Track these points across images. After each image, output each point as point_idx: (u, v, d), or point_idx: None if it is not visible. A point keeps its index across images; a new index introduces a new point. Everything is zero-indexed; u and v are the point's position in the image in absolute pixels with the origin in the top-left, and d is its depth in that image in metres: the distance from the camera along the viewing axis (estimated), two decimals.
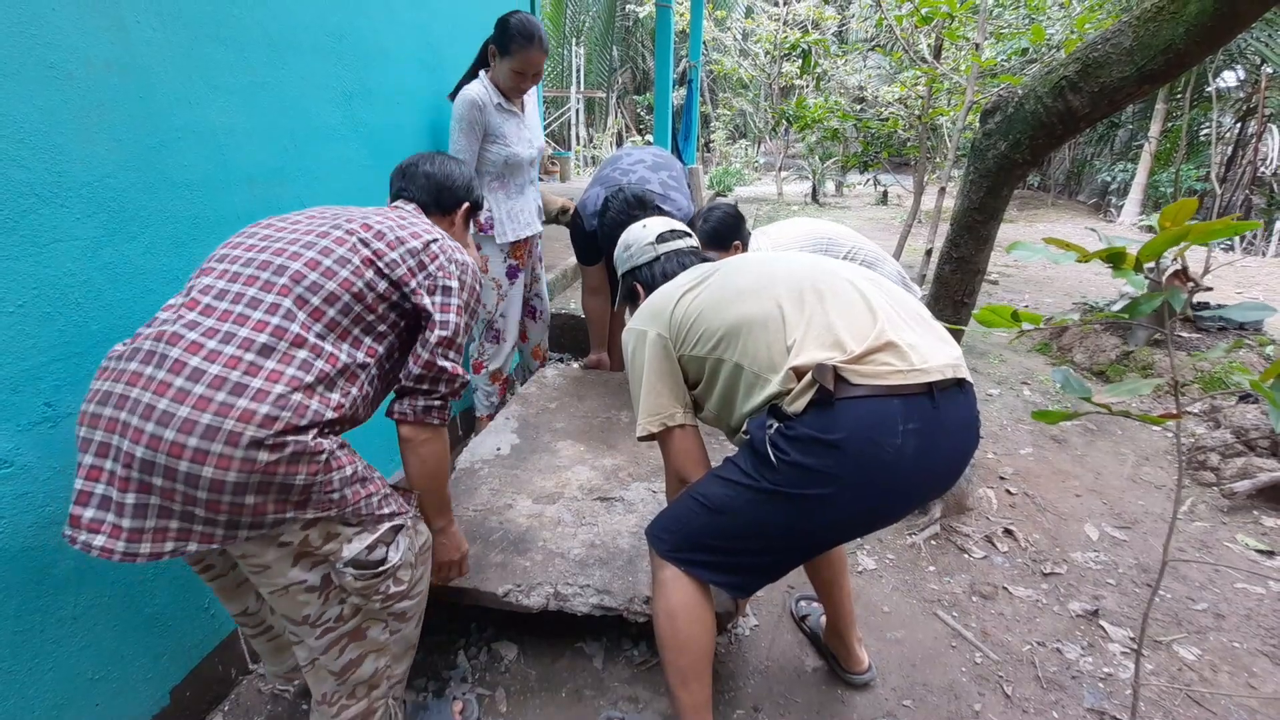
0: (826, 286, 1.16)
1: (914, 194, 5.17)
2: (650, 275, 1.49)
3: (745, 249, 2.05)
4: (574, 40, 13.44)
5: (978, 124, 1.56)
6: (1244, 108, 9.05)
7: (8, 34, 1.01)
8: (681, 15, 8.58)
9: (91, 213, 1.17)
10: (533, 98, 2.41)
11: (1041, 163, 2.02)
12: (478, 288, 1.26)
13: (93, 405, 0.97)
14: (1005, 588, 1.97)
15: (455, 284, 1.18)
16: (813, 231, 2.09)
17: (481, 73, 2.20)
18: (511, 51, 2.11)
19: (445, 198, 1.42)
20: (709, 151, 14.27)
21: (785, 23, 8.96)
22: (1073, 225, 9.29)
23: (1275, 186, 8.50)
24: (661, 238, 1.51)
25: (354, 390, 1.08)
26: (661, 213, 2.15)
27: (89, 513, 0.95)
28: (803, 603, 1.81)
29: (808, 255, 1.34)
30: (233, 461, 0.91)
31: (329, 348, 1.05)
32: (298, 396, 0.98)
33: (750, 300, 1.18)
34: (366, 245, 1.13)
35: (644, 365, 1.28)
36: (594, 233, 2.27)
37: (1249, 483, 2.41)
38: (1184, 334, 3.92)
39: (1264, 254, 7.82)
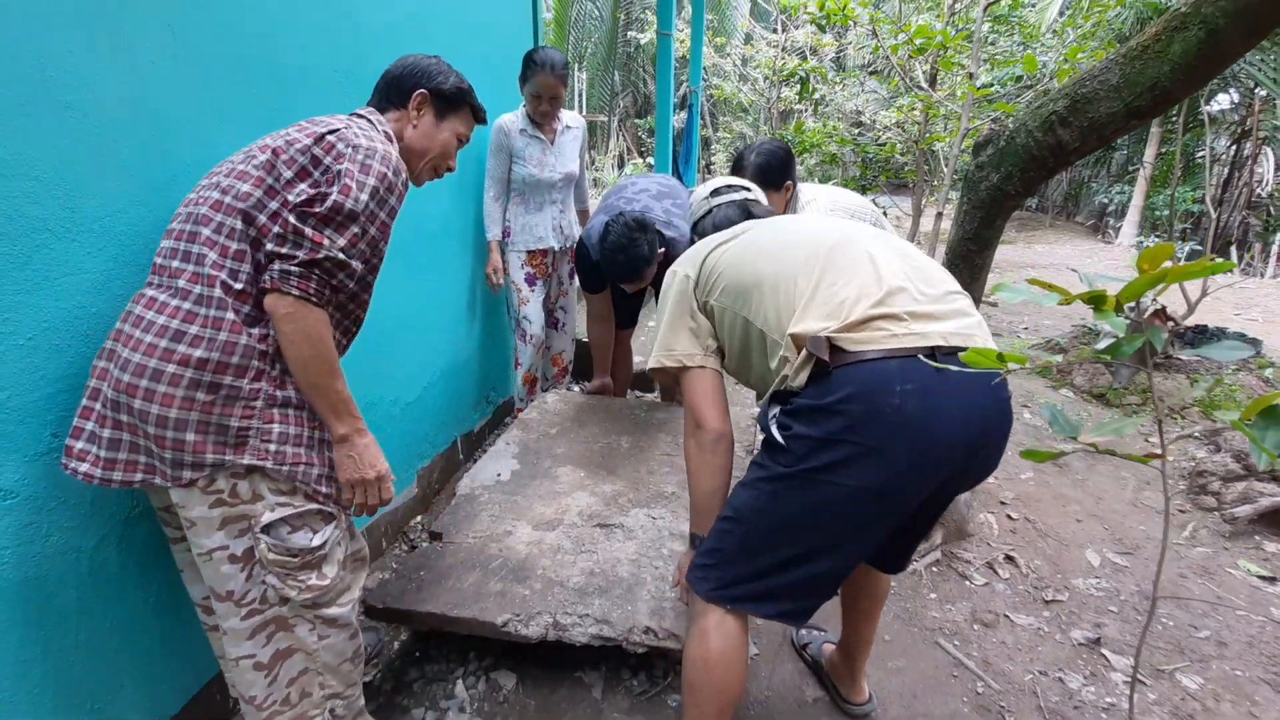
0: (842, 254, 1.16)
1: (912, 216, 5.22)
2: (704, 227, 1.56)
3: (794, 188, 2.01)
4: (577, 66, 13.64)
5: (971, 155, 1.60)
6: (1238, 131, 9.15)
7: (26, 76, 1.05)
8: (682, 42, 8.72)
9: (103, 246, 1.19)
10: (573, 132, 2.61)
11: (1034, 193, 2.05)
12: (389, 174, 1.14)
13: (97, 359, 1.12)
14: (1007, 615, 1.96)
15: (347, 165, 1.10)
16: (865, 204, 2.00)
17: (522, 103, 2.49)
18: (527, 79, 2.37)
19: (398, 87, 1.31)
20: (710, 173, 14.40)
21: (784, 49, 9.09)
22: (1071, 247, 9.34)
23: (1271, 208, 8.57)
24: (716, 191, 1.60)
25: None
26: (663, 239, 2.19)
27: (79, 444, 1.08)
28: (803, 631, 1.80)
29: (838, 221, 1.33)
30: (174, 400, 1.03)
31: (241, 285, 1.09)
32: (224, 335, 1.06)
33: (769, 260, 1.20)
34: (259, 168, 1.11)
35: (669, 302, 1.32)
36: (599, 260, 2.31)
37: (1250, 507, 2.40)
38: (1181, 357, 3.93)
39: (1262, 275, 7.86)
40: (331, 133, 1.14)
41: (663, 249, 2.18)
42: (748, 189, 1.60)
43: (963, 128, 3.19)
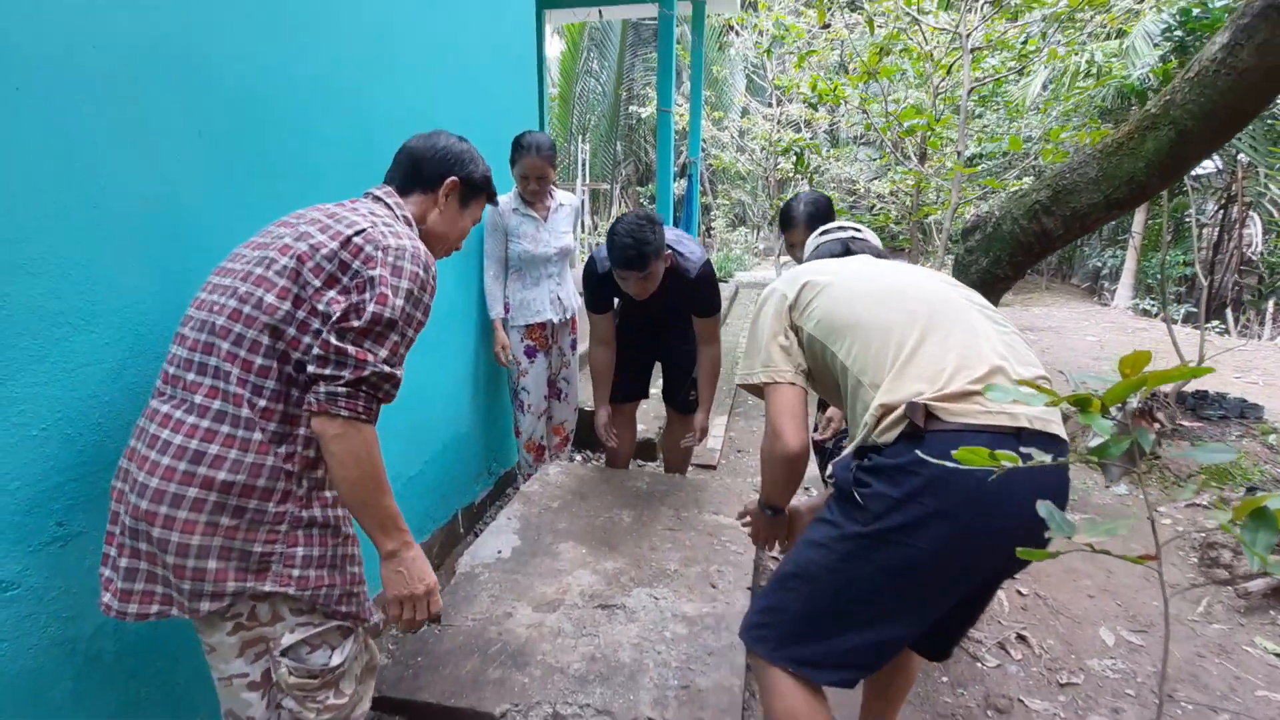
0: (945, 318, 1.18)
1: None
2: (812, 259, 1.61)
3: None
4: (580, 137, 14.17)
5: (960, 240, 1.66)
6: (1224, 196, 9.40)
7: (60, 178, 1.11)
8: (681, 116, 9.09)
9: (119, 338, 1.23)
10: (566, 209, 2.72)
11: (1023, 275, 2.11)
12: (420, 272, 1.10)
13: (115, 479, 1.10)
14: (1021, 700, 1.90)
15: (379, 271, 1.05)
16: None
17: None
18: (515, 161, 2.50)
19: (426, 170, 1.27)
20: (710, 237, 14.74)
21: (779, 122, 9.46)
22: (1069, 309, 9.45)
23: (1263, 271, 8.70)
24: (825, 231, 1.67)
25: (301, 431, 1.08)
26: (673, 252, 2.27)
27: (105, 571, 1.07)
28: None
29: (941, 280, 1.36)
30: (196, 526, 1.00)
31: (265, 403, 1.05)
32: (250, 457, 1.03)
33: (870, 305, 1.22)
34: (282, 275, 1.06)
35: (763, 318, 1.35)
36: (606, 275, 2.30)
37: (1264, 581, 2.36)
38: (1185, 423, 3.93)
39: (1259, 337, 7.91)
40: (358, 234, 1.08)
41: (669, 252, 2.21)
42: (856, 229, 1.66)
43: (954, 201, 3.30)
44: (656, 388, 4.26)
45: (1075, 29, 3.82)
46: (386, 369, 1.05)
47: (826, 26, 4.89)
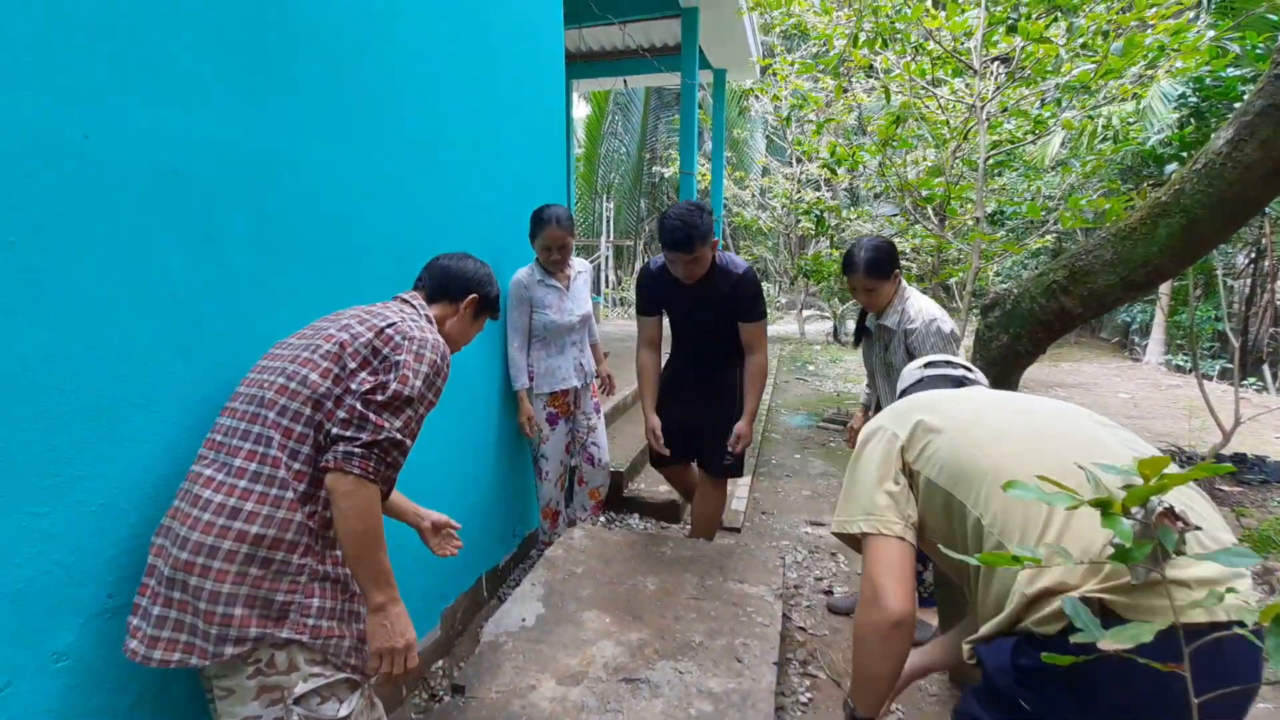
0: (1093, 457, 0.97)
1: None
2: (914, 393, 1.43)
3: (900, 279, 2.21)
4: (604, 195, 14.59)
5: (980, 315, 1.69)
6: (1255, 250, 9.29)
7: (129, 269, 1.20)
8: (703, 176, 9.35)
9: (173, 416, 1.30)
10: (583, 275, 2.83)
11: (1045, 351, 2.12)
12: (438, 360, 1.29)
13: (155, 536, 1.20)
14: None
15: (404, 356, 1.24)
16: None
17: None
18: (536, 234, 2.59)
19: (453, 286, 1.54)
20: None
21: (799, 181, 9.65)
22: (1099, 365, 9.30)
23: None
24: (930, 364, 1.53)
25: (323, 493, 1.21)
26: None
27: (135, 620, 1.15)
28: None
29: (1088, 418, 1.17)
30: (228, 575, 1.10)
31: (299, 465, 1.19)
32: (282, 513, 1.15)
33: (1013, 449, 1.05)
34: (326, 358, 1.23)
35: (870, 459, 1.20)
36: (657, 275, 2.51)
37: None
38: (1225, 488, 3.82)
39: None
40: (389, 326, 1.29)
41: (716, 240, 2.35)
42: (967, 368, 1.51)
43: (974, 265, 3.33)
44: None
45: (1090, 95, 3.91)
46: (398, 437, 1.21)
47: (844, 92, 5.06)
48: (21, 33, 1.02)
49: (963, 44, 3.58)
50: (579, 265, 2.82)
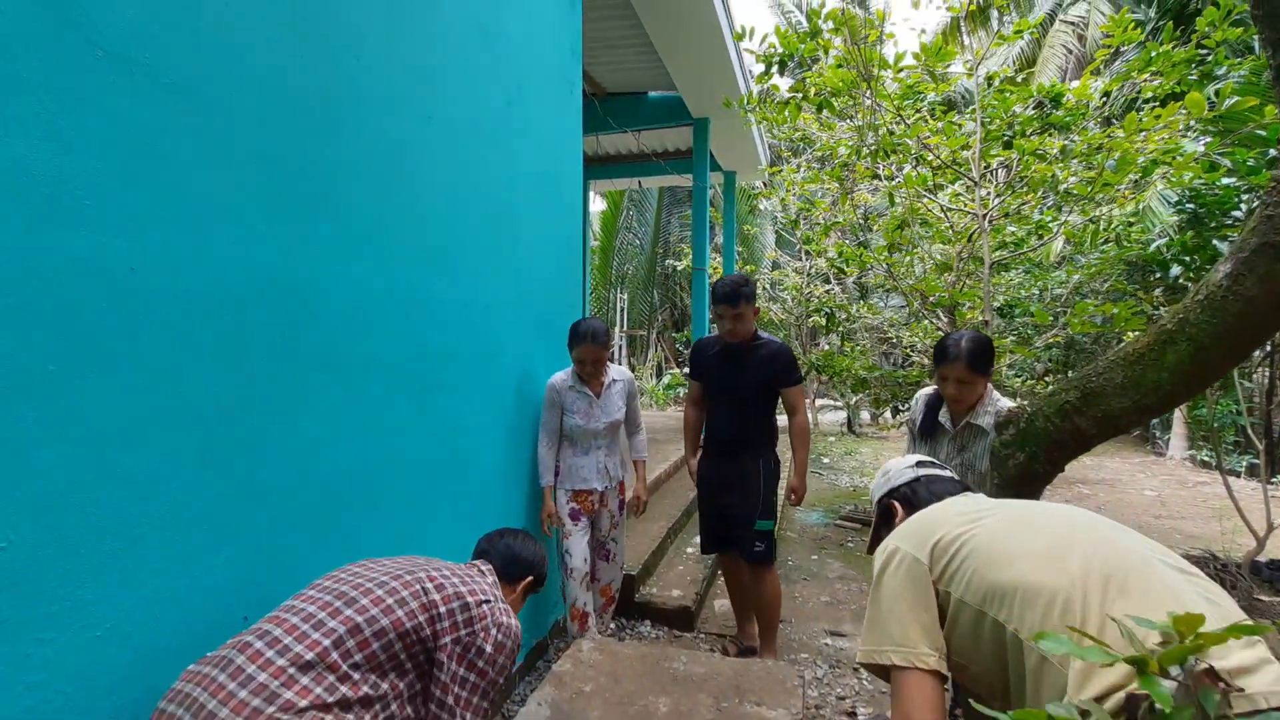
0: (1136, 575, 0.98)
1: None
2: (911, 492, 1.44)
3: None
4: (618, 286, 14.98)
5: (995, 432, 1.68)
6: (1270, 344, 9.26)
7: (160, 398, 1.24)
8: (715, 269, 9.61)
9: (189, 534, 1.31)
10: (620, 384, 2.91)
11: (1063, 470, 2.09)
12: (511, 646, 1.42)
13: (166, 702, 1.14)
14: None
15: (490, 647, 1.35)
16: None
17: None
18: (573, 346, 2.72)
19: (513, 568, 1.70)
20: None
21: (809, 274, 9.88)
22: (1121, 460, 9.10)
23: None
24: (921, 464, 1.51)
25: (367, 717, 1.19)
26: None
27: None
28: None
29: (1104, 521, 1.17)
30: None
31: (357, 676, 1.20)
32: (314, 713, 1.11)
33: (1040, 563, 1.03)
34: (426, 594, 1.33)
35: (894, 587, 1.15)
36: (706, 345, 2.95)
37: None
38: (1264, 598, 3.64)
39: None
40: (486, 603, 1.40)
41: (757, 309, 2.75)
42: (947, 469, 1.52)
43: None
44: (694, 546, 4.17)
45: (1090, 201, 4.04)
46: (470, 715, 1.33)
47: (849, 195, 5.26)
48: (72, 171, 1.11)
49: (961, 155, 3.76)
50: (616, 373, 2.90)
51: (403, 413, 1.98)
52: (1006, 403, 2.15)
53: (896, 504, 1.45)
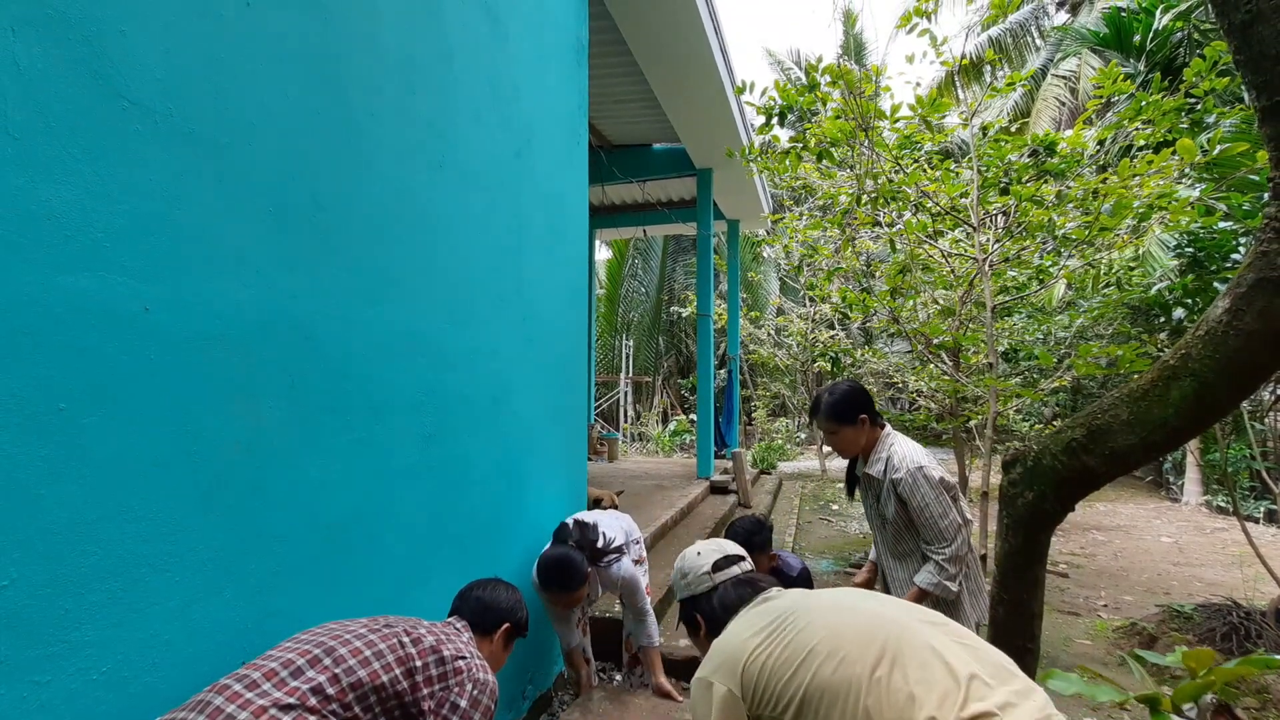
0: (900, 650, 1.11)
1: (958, 473, 5.18)
2: (710, 607, 1.48)
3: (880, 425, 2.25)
4: (624, 333, 15.08)
5: (1002, 471, 1.67)
6: (1276, 382, 9.18)
7: (166, 439, 1.25)
8: (720, 316, 9.69)
9: (189, 577, 1.29)
10: (620, 572, 2.60)
11: (1073, 509, 2.06)
12: (490, 705, 1.43)
13: None
14: None
15: (465, 703, 1.36)
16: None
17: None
18: (542, 589, 2.42)
19: (487, 618, 1.69)
20: (751, 426, 14.88)
21: (813, 320, 9.94)
22: (1135, 505, 8.93)
23: None
24: (717, 565, 1.53)
25: None
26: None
27: None
28: None
29: (871, 601, 1.29)
30: None
31: None
32: None
33: (823, 662, 1.14)
34: (404, 647, 1.36)
35: None
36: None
37: None
38: None
39: None
40: (462, 659, 1.43)
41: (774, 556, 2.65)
42: (742, 557, 1.58)
43: (992, 410, 3.33)
44: None
45: (1089, 245, 4.08)
46: None
47: (851, 242, 5.34)
48: (90, 215, 1.15)
49: (960, 202, 3.83)
50: (611, 578, 2.56)
51: (409, 458, 1.98)
52: (903, 446, 2.16)
53: (699, 617, 1.51)
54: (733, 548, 1.61)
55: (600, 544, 2.43)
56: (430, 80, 2.08)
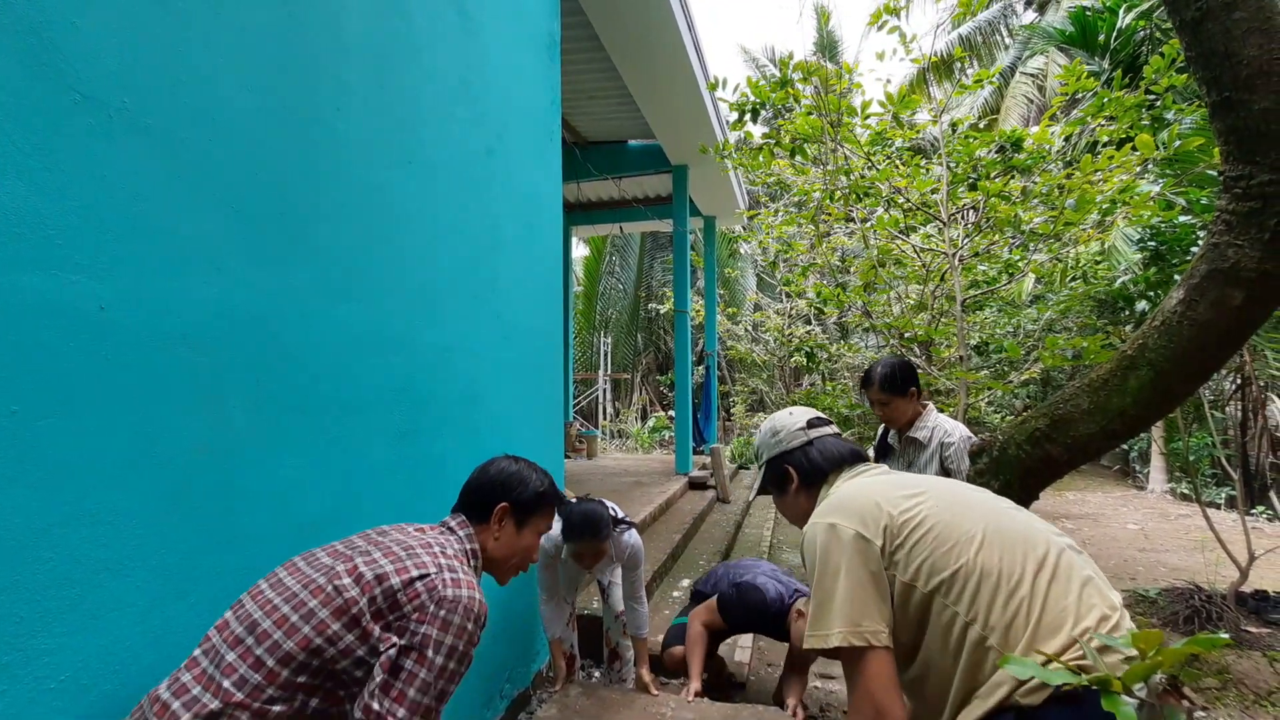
0: (1058, 558, 1.09)
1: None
2: (805, 458, 1.45)
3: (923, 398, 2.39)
4: (602, 331, 15.05)
5: (969, 462, 1.70)
6: (1239, 378, 9.47)
7: (128, 440, 1.22)
8: (697, 312, 9.71)
9: (152, 582, 1.27)
10: (615, 568, 2.65)
11: (1038, 497, 2.14)
12: (469, 626, 1.19)
13: None
14: None
15: (432, 628, 1.14)
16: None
17: None
18: (569, 539, 2.40)
19: (478, 502, 1.44)
20: (729, 421, 14.95)
21: (790, 316, 10.01)
22: (1103, 494, 9.16)
23: None
24: (811, 423, 1.50)
25: None
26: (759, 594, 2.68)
27: None
28: None
29: (1022, 513, 1.25)
30: None
31: (276, 709, 1.09)
32: None
33: (985, 549, 1.10)
34: (339, 594, 1.16)
35: (842, 566, 1.15)
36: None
37: None
38: (1251, 629, 3.63)
39: None
40: (422, 578, 1.19)
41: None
42: (831, 422, 1.54)
43: (962, 403, 3.39)
44: (681, 590, 4.10)
45: (1056, 240, 4.16)
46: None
47: (825, 237, 5.38)
48: (41, 212, 1.12)
49: (930, 198, 3.88)
50: (620, 550, 2.58)
51: (381, 457, 1.95)
52: (944, 419, 2.36)
53: (791, 470, 1.46)
54: (826, 417, 1.56)
55: (612, 514, 2.52)
56: (400, 75, 2.06)
